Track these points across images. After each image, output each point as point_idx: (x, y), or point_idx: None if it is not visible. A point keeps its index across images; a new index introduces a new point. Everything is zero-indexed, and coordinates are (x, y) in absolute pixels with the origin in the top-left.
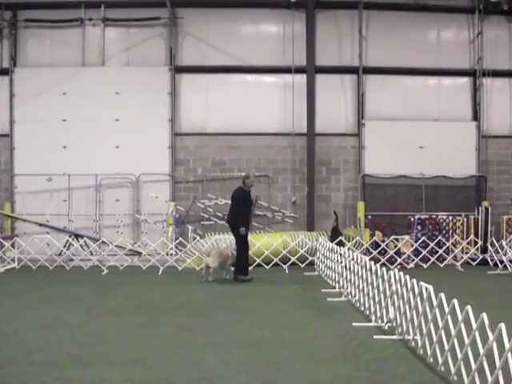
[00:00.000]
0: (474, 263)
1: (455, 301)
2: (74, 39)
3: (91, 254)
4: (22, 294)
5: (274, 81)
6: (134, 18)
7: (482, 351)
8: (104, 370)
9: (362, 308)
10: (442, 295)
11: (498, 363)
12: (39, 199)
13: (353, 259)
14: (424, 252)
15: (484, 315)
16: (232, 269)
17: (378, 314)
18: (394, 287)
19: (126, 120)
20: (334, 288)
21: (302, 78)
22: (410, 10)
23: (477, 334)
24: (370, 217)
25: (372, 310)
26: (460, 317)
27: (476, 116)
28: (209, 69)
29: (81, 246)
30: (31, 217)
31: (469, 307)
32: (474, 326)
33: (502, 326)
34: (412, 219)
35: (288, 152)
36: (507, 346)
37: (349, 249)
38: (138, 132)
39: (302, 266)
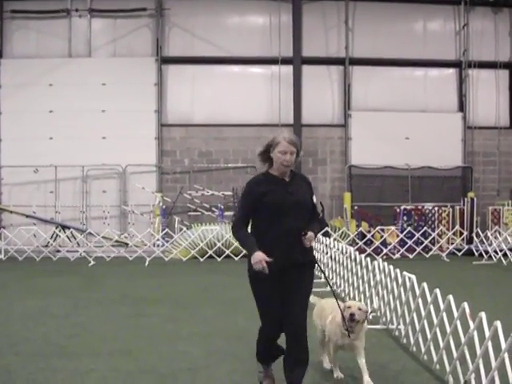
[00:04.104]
0: (459, 254)
1: (437, 290)
2: (60, 30)
3: (78, 245)
4: (9, 285)
5: (261, 72)
6: (120, 9)
7: (463, 340)
8: (90, 361)
9: (347, 298)
10: (425, 285)
11: (478, 351)
12: (26, 191)
13: (338, 250)
14: (410, 242)
15: (465, 304)
16: None
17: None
18: (378, 277)
19: (112, 111)
20: (320, 278)
21: (288, 69)
22: (396, 1)
23: (458, 322)
24: (356, 207)
25: (357, 299)
26: (442, 306)
27: (462, 107)
28: (195, 60)
29: (67, 237)
30: (18, 208)
31: (450, 297)
32: (456, 315)
33: (483, 314)
34: (398, 210)
35: None
36: (487, 334)
37: (335, 239)
38: (124, 123)
39: None
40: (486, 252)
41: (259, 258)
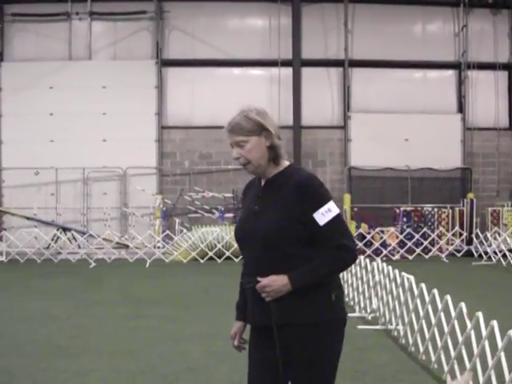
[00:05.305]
0: (459, 255)
1: (435, 291)
2: (60, 33)
3: (79, 247)
4: (10, 286)
5: (261, 74)
6: (120, 12)
7: (460, 339)
8: (91, 361)
9: (347, 299)
10: (423, 285)
11: (475, 351)
12: (27, 193)
13: None
14: (409, 244)
15: (462, 304)
16: None
17: (362, 305)
18: (377, 278)
19: (113, 113)
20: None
21: (288, 71)
22: (395, 3)
23: (456, 322)
24: (355, 209)
25: (356, 300)
26: (440, 306)
27: (461, 108)
28: (195, 62)
29: (68, 239)
30: (19, 210)
31: (448, 297)
32: (453, 315)
33: (480, 314)
34: (398, 211)
35: None
36: (484, 333)
37: None
38: (124, 125)
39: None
40: (486, 253)
41: (231, 332)
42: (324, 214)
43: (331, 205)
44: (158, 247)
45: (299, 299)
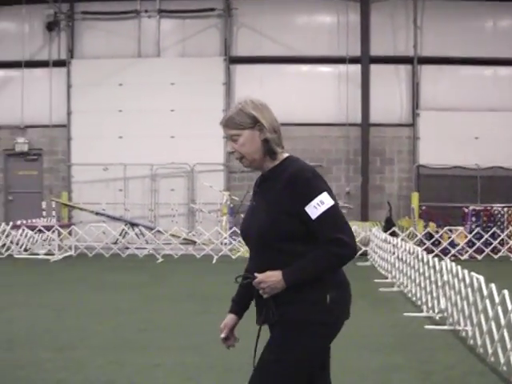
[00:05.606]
0: None
1: (505, 292)
2: (129, 31)
3: (146, 242)
4: (79, 280)
5: (329, 71)
6: (188, 10)
7: None
8: (157, 355)
9: (414, 298)
10: (493, 286)
11: None
12: (95, 188)
13: (405, 250)
14: (478, 243)
15: None
16: None
17: (430, 305)
18: (445, 277)
19: (181, 110)
20: (387, 278)
21: (356, 69)
22: None
23: None
24: (424, 207)
25: (423, 300)
26: (510, 307)
27: None
28: (263, 59)
29: (136, 234)
30: (88, 206)
31: None
32: None
33: None
34: (466, 210)
35: (342, 142)
36: None
37: (402, 239)
38: (192, 122)
39: (355, 256)
40: None
41: (221, 325)
42: (316, 207)
43: (324, 197)
44: (225, 244)
45: (291, 297)
